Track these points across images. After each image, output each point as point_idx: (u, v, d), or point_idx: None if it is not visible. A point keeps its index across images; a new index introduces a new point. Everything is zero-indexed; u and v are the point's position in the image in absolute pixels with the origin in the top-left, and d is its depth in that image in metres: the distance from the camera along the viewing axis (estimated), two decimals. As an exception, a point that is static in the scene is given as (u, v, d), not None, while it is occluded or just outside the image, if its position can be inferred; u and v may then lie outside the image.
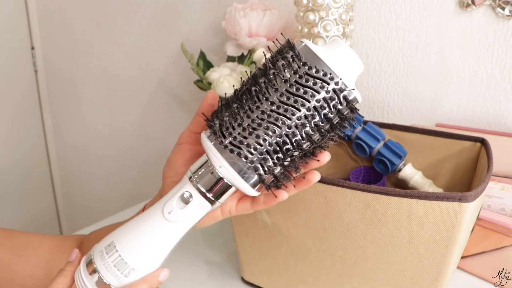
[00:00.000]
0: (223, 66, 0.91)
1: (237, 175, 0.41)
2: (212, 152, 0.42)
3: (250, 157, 0.40)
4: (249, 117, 0.40)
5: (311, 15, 0.73)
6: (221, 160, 0.41)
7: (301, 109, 0.40)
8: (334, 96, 0.40)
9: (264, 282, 0.69)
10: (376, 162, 0.74)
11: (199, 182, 0.43)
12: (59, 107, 1.61)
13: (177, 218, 0.44)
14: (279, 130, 0.40)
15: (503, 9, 0.79)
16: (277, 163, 0.41)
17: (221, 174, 0.42)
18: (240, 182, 0.42)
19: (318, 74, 0.39)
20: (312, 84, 0.39)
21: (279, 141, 0.40)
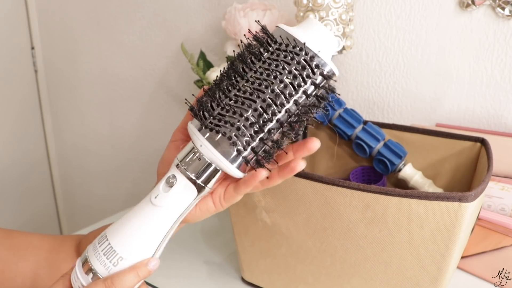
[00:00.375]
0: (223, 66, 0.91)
1: (215, 151, 0.42)
2: (194, 133, 0.43)
3: (228, 133, 0.41)
4: (226, 96, 0.42)
5: (311, 15, 0.73)
6: (201, 139, 0.43)
7: (273, 81, 0.41)
8: (306, 66, 0.41)
9: (264, 282, 0.69)
10: (376, 162, 0.74)
11: (183, 166, 0.44)
12: (59, 107, 1.61)
13: (163, 202, 0.44)
14: (254, 104, 0.41)
15: (503, 9, 0.79)
16: (255, 136, 0.42)
17: (202, 152, 0.43)
18: (220, 159, 0.42)
19: (288, 48, 0.41)
20: (283, 57, 0.41)
21: (254, 114, 0.41)
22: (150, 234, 0.44)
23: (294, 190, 0.57)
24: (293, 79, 0.41)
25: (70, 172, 1.68)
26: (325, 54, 0.42)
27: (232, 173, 0.44)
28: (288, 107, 0.42)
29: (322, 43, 0.42)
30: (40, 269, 0.54)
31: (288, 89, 0.41)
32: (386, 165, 0.72)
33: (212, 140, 0.42)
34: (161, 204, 0.44)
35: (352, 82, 0.97)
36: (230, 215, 0.66)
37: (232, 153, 0.42)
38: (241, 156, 0.42)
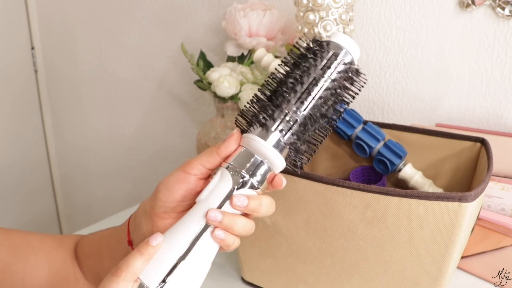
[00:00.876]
0: (223, 66, 0.91)
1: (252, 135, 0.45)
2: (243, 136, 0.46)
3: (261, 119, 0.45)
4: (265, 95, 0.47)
5: (311, 15, 0.73)
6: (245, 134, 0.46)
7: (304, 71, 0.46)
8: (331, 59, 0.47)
9: (264, 282, 0.69)
10: (376, 162, 0.74)
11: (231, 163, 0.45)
12: (59, 107, 1.61)
13: (202, 195, 0.44)
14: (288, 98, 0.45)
15: (503, 9, 0.79)
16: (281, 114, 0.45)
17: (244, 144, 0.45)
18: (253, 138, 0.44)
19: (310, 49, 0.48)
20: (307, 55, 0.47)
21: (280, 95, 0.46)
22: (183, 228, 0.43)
23: (294, 190, 0.57)
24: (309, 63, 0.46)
25: (70, 172, 1.68)
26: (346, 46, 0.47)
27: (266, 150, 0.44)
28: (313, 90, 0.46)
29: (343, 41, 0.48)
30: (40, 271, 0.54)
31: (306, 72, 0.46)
32: (386, 165, 0.72)
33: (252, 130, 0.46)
34: (200, 197, 0.44)
35: (352, 82, 0.97)
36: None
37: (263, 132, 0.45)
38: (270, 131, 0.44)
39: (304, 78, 0.46)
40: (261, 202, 0.45)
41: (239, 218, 0.44)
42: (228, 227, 0.43)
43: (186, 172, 0.46)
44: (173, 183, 0.46)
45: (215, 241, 0.44)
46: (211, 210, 0.43)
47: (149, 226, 0.47)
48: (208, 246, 0.44)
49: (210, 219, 0.42)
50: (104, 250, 0.53)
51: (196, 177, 0.46)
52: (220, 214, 0.43)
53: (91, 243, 0.55)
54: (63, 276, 0.55)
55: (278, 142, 0.45)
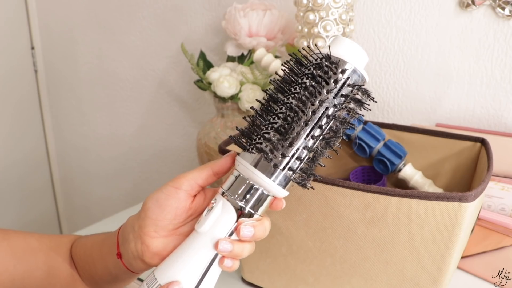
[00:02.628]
0: (223, 66, 0.91)
1: (251, 167, 0.42)
2: (237, 159, 0.43)
3: (263, 149, 0.41)
4: (262, 121, 0.43)
5: (311, 15, 0.73)
6: (239, 159, 0.43)
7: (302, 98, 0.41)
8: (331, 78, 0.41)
9: (264, 282, 0.69)
10: (376, 162, 0.74)
11: (223, 188, 0.43)
12: (59, 107, 1.61)
13: (204, 226, 0.42)
14: (282, 115, 0.41)
15: (503, 9, 0.79)
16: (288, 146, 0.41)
17: (239, 170, 0.43)
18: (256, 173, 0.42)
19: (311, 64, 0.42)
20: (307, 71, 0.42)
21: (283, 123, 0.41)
22: (191, 262, 0.42)
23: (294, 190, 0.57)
24: (316, 83, 0.41)
25: (70, 173, 1.68)
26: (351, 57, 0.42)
27: (271, 187, 0.42)
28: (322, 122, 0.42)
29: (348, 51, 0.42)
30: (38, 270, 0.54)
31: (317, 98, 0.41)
32: (386, 165, 0.72)
33: (249, 158, 0.42)
34: (203, 228, 0.43)
35: (352, 82, 0.97)
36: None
37: (269, 167, 0.41)
38: (278, 169, 0.42)
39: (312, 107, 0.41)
40: (265, 228, 0.44)
41: (246, 244, 0.44)
42: (236, 256, 0.43)
43: (176, 188, 0.44)
44: (163, 199, 0.44)
45: (223, 269, 0.44)
46: (221, 241, 0.42)
47: (138, 245, 0.45)
48: (215, 274, 0.44)
49: (222, 250, 0.42)
50: (96, 256, 0.53)
51: (187, 193, 0.45)
52: (230, 244, 0.42)
53: (84, 246, 0.55)
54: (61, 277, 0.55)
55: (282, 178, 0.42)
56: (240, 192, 0.43)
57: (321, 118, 0.41)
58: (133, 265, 0.48)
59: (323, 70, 0.41)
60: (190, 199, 0.45)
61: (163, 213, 0.44)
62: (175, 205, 0.44)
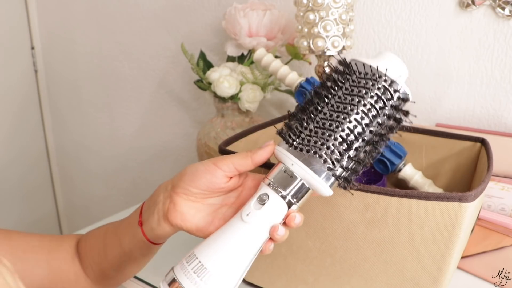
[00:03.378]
0: (223, 66, 0.91)
1: (307, 168, 0.44)
2: (284, 154, 0.45)
3: (318, 152, 0.44)
4: (313, 120, 0.45)
5: (311, 15, 0.73)
6: (292, 158, 0.45)
7: (357, 105, 0.44)
8: (386, 90, 0.45)
9: (264, 282, 0.69)
10: (376, 162, 0.74)
11: (275, 184, 0.45)
12: (59, 107, 1.61)
13: (254, 219, 0.44)
14: (341, 125, 0.44)
15: (503, 9, 0.79)
16: (344, 154, 0.44)
17: (293, 171, 0.45)
18: (312, 175, 0.44)
19: (368, 75, 0.46)
20: (364, 84, 0.45)
21: (342, 134, 0.44)
22: (241, 252, 0.44)
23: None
24: (376, 101, 0.45)
25: (70, 172, 1.68)
26: (401, 80, 0.46)
27: (323, 190, 0.45)
28: (372, 128, 0.45)
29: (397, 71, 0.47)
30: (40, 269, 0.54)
31: (372, 111, 0.45)
32: (386, 165, 0.72)
33: (304, 159, 0.44)
34: (253, 221, 0.44)
35: (352, 82, 0.97)
36: (230, 215, 0.66)
37: (324, 170, 0.44)
38: (331, 173, 0.44)
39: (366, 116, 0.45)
40: (302, 218, 0.47)
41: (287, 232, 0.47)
42: (282, 241, 0.46)
43: (217, 166, 0.47)
44: (201, 171, 0.47)
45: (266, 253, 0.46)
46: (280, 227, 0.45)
47: (166, 203, 0.49)
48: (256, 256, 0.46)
49: (279, 234, 0.45)
50: (110, 240, 0.54)
51: (224, 174, 0.47)
52: (284, 230, 0.45)
53: (96, 235, 0.57)
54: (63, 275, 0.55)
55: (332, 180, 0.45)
56: (290, 187, 0.45)
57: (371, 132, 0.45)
58: (154, 230, 0.50)
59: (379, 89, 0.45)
60: (225, 179, 0.48)
61: (197, 182, 0.47)
62: (211, 179, 0.47)
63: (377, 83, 0.45)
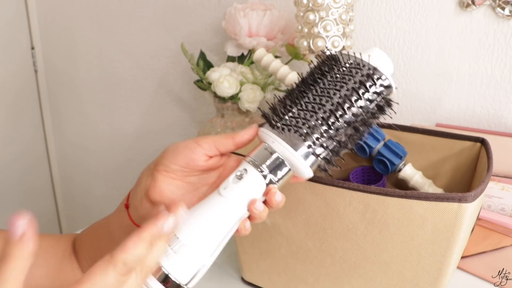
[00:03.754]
0: (223, 66, 0.91)
1: (286, 145, 0.45)
2: (266, 133, 0.46)
3: (299, 130, 0.45)
4: (297, 104, 0.47)
5: (311, 15, 0.73)
6: (273, 136, 0.46)
7: (340, 89, 0.46)
8: (368, 78, 0.47)
9: (264, 282, 0.69)
10: (376, 162, 0.73)
11: (255, 160, 0.46)
12: (59, 107, 1.61)
13: (232, 193, 0.44)
14: (323, 107, 0.46)
15: (503, 9, 0.79)
16: (324, 133, 0.45)
17: (273, 147, 0.46)
18: (291, 152, 0.45)
19: (352, 65, 0.48)
20: (348, 72, 0.47)
21: (323, 115, 0.45)
22: (216, 225, 0.44)
23: (294, 190, 0.57)
24: (358, 87, 0.46)
25: (70, 172, 1.68)
26: (384, 69, 0.48)
27: (302, 167, 0.45)
28: (354, 111, 0.46)
29: (382, 63, 0.49)
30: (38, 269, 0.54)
31: (354, 96, 0.46)
32: (386, 165, 0.72)
33: (284, 137, 0.45)
34: (230, 195, 0.45)
35: (352, 82, 0.97)
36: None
37: (302, 147, 0.45)
38: (311, 151, 0.45)
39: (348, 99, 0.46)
40: (283, 197, 0.47)
41: (266, 210, 0.46)
42: (261, 218, 0.46)
43: (197, 143, 0.48)
44: (181, 148, 0.48)
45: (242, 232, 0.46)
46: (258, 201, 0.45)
47: (148, 180, 0.50)
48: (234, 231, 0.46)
49: (256, 208, 0.45)
50: (103, 230, 0.55)
51: (204, 152, 0.48)
52: (263, 207, 0.45)
53: (90, 230, 0.58)
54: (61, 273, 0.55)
55: (311, 159, 0.46)
56: (270, 165, 0.46)
57: (353, 115, 0.46)
58: (138, 209, 0.51)
59: (363, 75, 0.47)
60: (205, 157, 0.48)
61: (177, 158, 0.48)
62: (190, 156, 0.48)
63: (360, 71, 0.47)
